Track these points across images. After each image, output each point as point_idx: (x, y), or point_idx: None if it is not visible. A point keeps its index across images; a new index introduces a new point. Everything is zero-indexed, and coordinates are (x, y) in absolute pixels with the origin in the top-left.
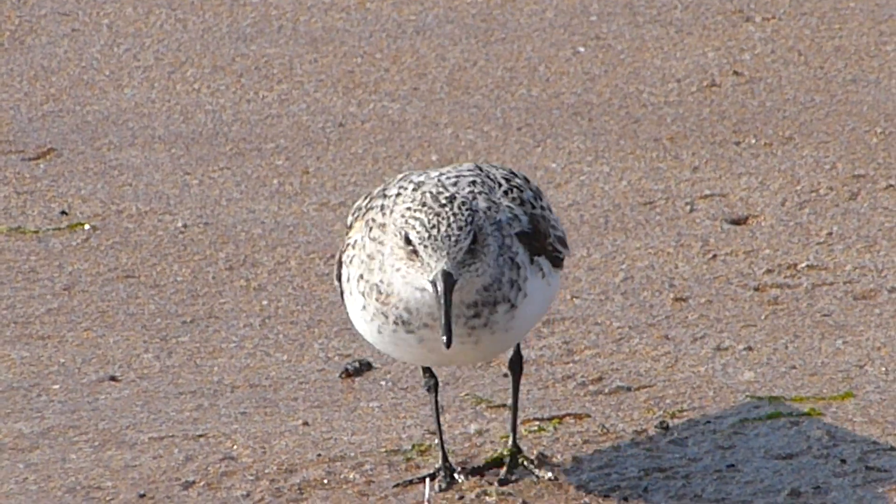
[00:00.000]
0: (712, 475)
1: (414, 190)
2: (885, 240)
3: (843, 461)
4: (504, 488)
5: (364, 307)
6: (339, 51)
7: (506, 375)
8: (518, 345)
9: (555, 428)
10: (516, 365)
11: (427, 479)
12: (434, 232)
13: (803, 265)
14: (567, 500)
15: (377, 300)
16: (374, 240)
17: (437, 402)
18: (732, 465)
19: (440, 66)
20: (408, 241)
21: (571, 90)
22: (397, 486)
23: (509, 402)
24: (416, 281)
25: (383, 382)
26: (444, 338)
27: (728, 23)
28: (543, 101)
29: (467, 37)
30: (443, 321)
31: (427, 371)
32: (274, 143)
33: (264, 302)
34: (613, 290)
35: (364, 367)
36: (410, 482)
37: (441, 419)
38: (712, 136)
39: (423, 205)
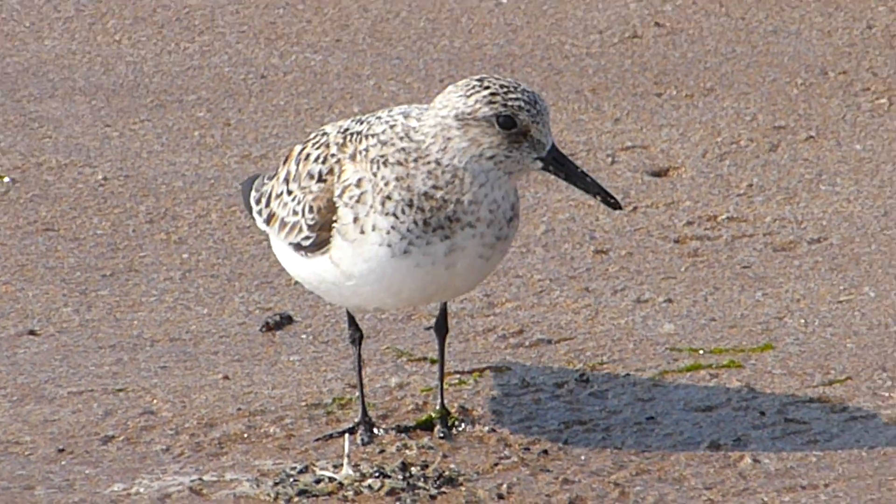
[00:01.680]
0: (632, 427)
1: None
2: (805, 191)
3: (763, 413)
4: (424, 441)
5: (391, 229)
6: (261, 2)
7: (428, 329)
8: (445, 305)
9: (475, 381)
10: (442, 326)
11: (347, 434)
12: (540, 106)
13: (723, 217)
14: (487, 454)
15: (426, 205)
16: (397, 162)
17: (359, 355)
18: (652, 418)
19: (362, 18)
20: (509, 126)
21: (493, 41)
22: (318, 440)
23: (438, 364)
24: (516, 165)
25: (304, 336)
26: (611, 199)
27: None
28: (466, 52)
29: None
30: (589, 184)
31: (353, 323)
32: (195, 95)
33: (185, 255)
34: (534, 243)
35: (285, 321)
36: (331, 436)
37: (362, 373)
38: (634, 88)
39: (506, 85)
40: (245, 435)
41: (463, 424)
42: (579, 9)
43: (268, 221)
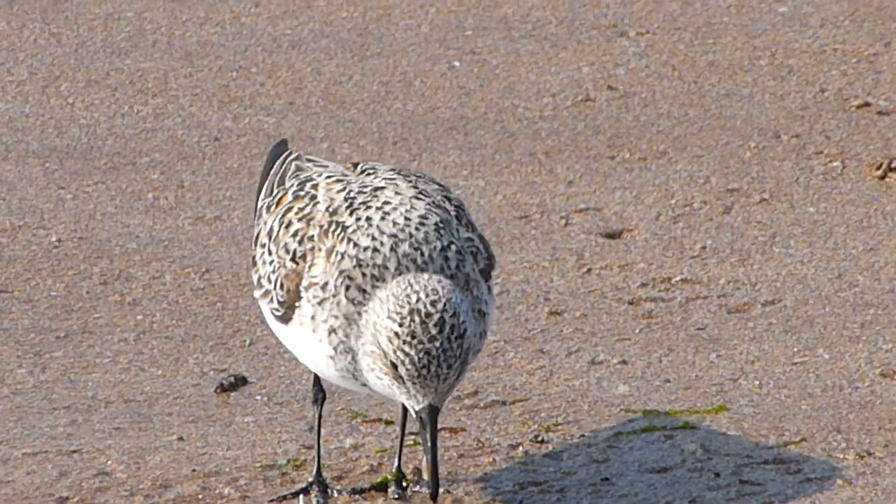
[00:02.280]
0: (587, 489)
1: (389, 246)
2: (759, 253)
3: (717, 475)
4: (379, 502)
5: (332, 357)
6: (215, 65)
7: None
8: None
9: None
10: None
11: (301, 495)
12: (424, 372)
13: (677, 279)
14: None
15: (350, 366)
16: (351, 301)
17: (319, 415)
18: (607, 479)
19: (316, 81)
20: (394, 367)
21: (447, 104)
22: (272, 501)
23: (397, 427)
24: (398, 397)
25: (258, 397)
26: (431, 489)
27: (602, 38)
28: (419, 115)
29: (343, 51)
30: (430, 463)
31: (317, 383)
32: (149, 158)
33: (139, 317)
34: None
35: (239, 382)
36: (285, 497)
37: (320, 434)
38: (587, 151)
39: (413, 336)
40: (200, 496)
41: (418, 486)
42: (532, 72)
43: (253, 262)
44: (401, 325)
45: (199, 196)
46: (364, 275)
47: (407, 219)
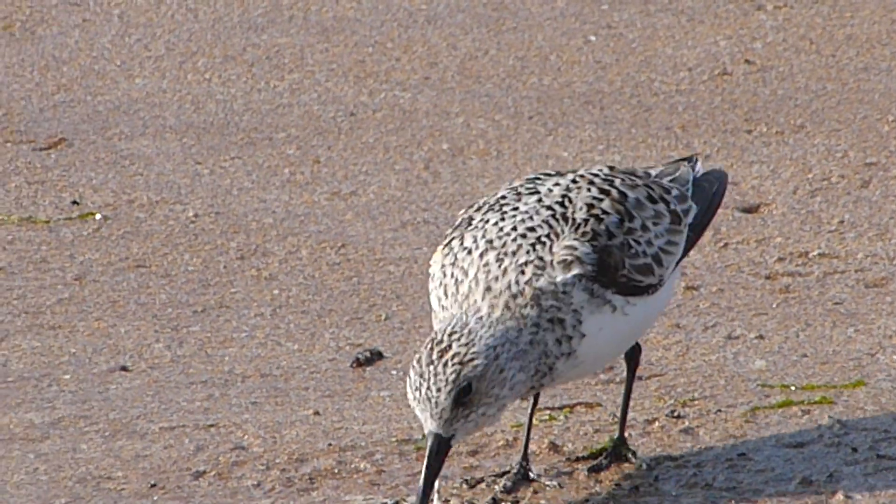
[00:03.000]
0: (723, 464)
1: (480, 252)
2: None
3: (855, 450)
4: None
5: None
6: (350, 40)
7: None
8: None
9: (566, 417)
10: (630, 357)
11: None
12: (416, 394)
13: (815, 253)
14: (578, 490)
15: None
16: (438, 300)
17: (533, 408)
18: (743, 454)
19: (451, 56)
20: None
21: (583, 79)
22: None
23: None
24: None
25: (394, 372)
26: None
27: (739, 11)
28: (555, 90)
29: (478, 26)
30: (421, 486)
31: None
32: (285, 133)
33: (275, 291)
34: None
35: (375, 357)
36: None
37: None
38: (724, 125)
39: (419, 360)
40: (335, 470)
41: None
42: (668, 46)
43: None
44: (422, 348)
45: (334, 171)
46: (452, 275)
47: (514, 228)
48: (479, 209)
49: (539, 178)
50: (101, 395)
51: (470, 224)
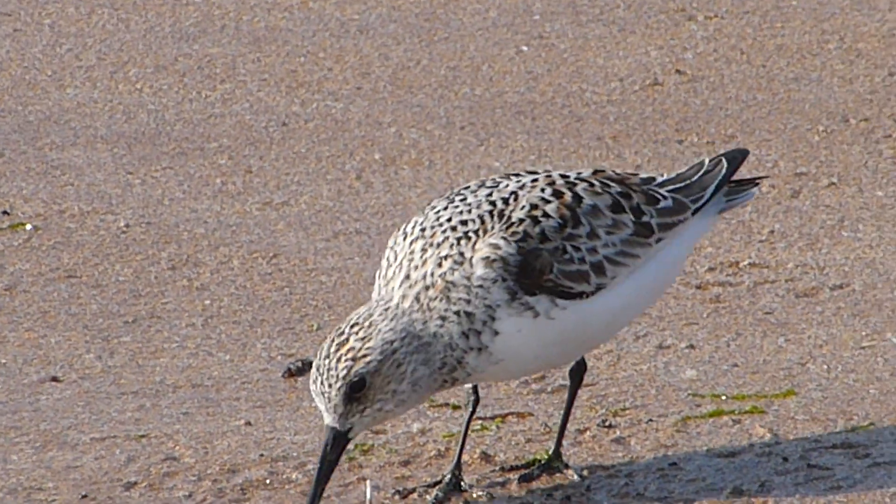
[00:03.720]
0: (655, 473)
1: (410, 240)
2: (827, 237)
3: (786, 459)
4: (450, 488)
5: None
6: (282, 50)
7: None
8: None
9: (497, 427)
10: (575, 372)
11: (367, 480)
12: (313, 387)
13: (745, 263)
14: (510, 500)
15: None
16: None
17: (469, 419)
18: (675, 464)
19: (383, 65)
20: None
21: (514, 89)
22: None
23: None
24: None
25: None
26: (308, 501)
27: (670, 21)
28: (486, 99)
29: (410, 36)
30: (312, 484)
31: (473, 387)
32: (217, 143)
33: (207, 301)
34: None
35: (306, 367)
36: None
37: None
38: (655, 135)
39: (320, 351)
40: (267, 481)
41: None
42: (600, 56)
43: None
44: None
45: (266, 181)
46: (387, 260)
47: (448, 220)
48: (445, 194)
49: (521, 174)
50: (32, 405)
51: (427, 206)
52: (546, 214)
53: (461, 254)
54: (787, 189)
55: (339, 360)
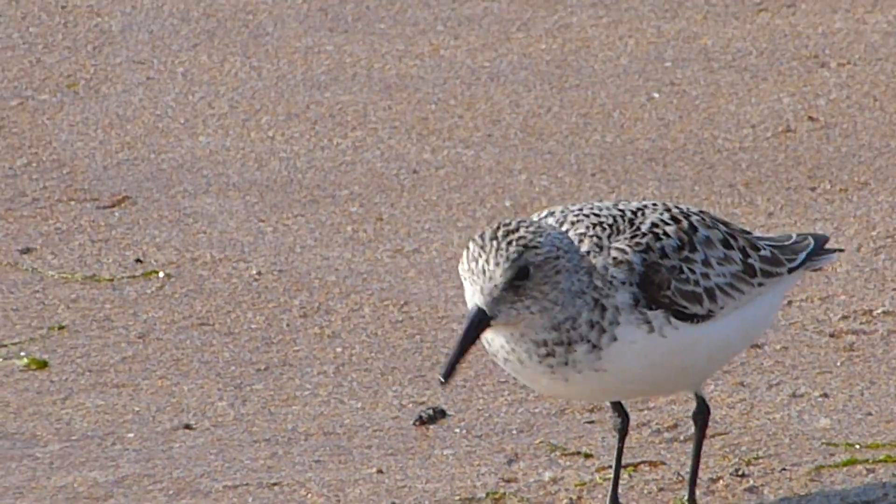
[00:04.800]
0: None
1: (544, 216)
2: None
3: None
4: None
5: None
6: (413, 97)
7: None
8: (702, 397)
9: (630, 475)
10: (698, 417)
11: None
12: (473, 265)
13: (879, 311)
14: None
15: None
16: None
17: (622, 442)
18: None
19: (514, 113)
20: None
21: (646, 136)
22: None
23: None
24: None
25: (457, 430)
26: (442, 370)
27: (803, 68)
28: (617, 147)
29: (541, 83)
30: (450, 353)
31: (616, 408)
32: (348, 190)
33: (338, 349)
34: None
35: (438, 415)
36: None
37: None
38: (787, 182)
39: (481, 235)
40: None
41: None
42: (732, 103)
43: None
44: (481, 230)
45: (397, 228)
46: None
47: (580, 209)
48: (553, 210)
49: (620, 202)
50: (165, 453)
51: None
52: (666, 234)
53: (599, 237)
54: None
55: (509, 243)
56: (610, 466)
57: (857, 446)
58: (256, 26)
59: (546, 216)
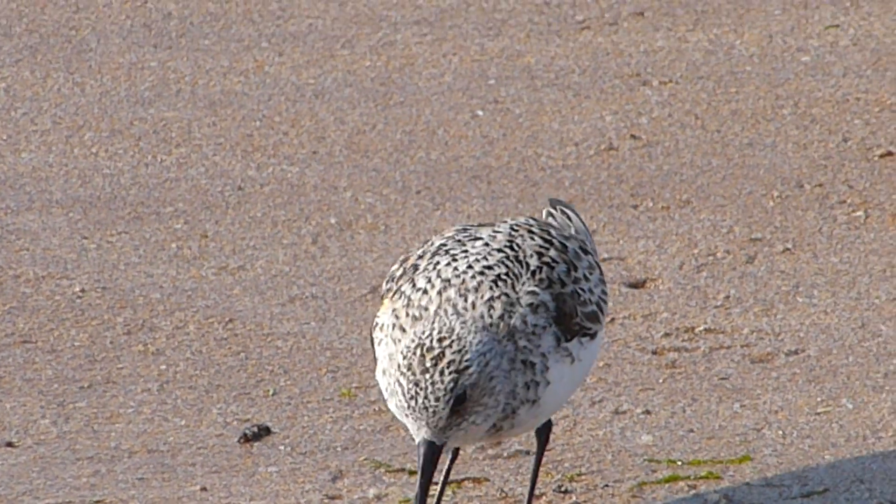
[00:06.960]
0: None
1: (437, 290)
2: (782, 303)
3: None
4: None
5: (390, 393)
6: (238, 114)
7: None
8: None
9: (454, 492)
10: (542, 433)
11: None
12: (412, 403)
13: (701, 328)
14: None
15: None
16: (395, 341)
17: (450, 466)
18: None
19: (339, 130)
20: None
21: (470, 153)
22: None
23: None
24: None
25: (282, 447)
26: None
27: (625, 87)
28: (442, 164)
29: (366, 100)
30: (417, 491)
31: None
32: (172, 207)
33: (162, 367)
34: None
35: (262, 432)
36: None
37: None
38: (610, 200)
39: (409, 367)
40: None
41: None
42: (555, 121)
43: None
44: (404, 356)
45: (222, 246)
46: (407, 315)
47: (469, 267)
48: (421, 257)
49: (469, 228)
50: None
51: (416, 270)
52: (554, 261)
53: (507, 294)
54: (742, 255)
55: (441, 373)
56: (434, 483)
57: (679, 463)
58: (79, 42)
59: (441, 286)
